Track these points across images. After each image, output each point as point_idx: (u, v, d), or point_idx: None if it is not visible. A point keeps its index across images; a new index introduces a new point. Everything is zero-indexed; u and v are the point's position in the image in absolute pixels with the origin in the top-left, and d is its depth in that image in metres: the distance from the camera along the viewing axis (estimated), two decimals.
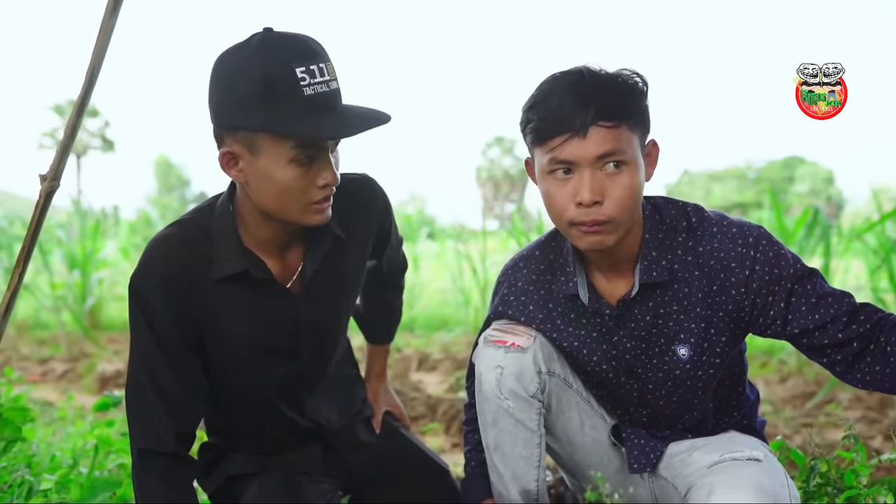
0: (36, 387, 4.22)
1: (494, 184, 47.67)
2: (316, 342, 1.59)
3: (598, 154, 1.34)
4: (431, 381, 4.41)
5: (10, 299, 1.64)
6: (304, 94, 1.30)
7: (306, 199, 1.37)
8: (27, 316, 6.85)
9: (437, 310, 6.89)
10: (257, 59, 1.30)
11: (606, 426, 1.63)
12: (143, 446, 1.46)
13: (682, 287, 1.45)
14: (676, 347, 1.48)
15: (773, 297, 1.41)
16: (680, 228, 1.47)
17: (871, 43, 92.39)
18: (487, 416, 1.54)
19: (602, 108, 1.32)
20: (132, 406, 1.48)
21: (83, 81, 1.56)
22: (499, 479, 1.57)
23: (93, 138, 45.30)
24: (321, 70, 1.32)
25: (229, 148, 1.36)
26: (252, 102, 1.30)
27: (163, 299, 1.43)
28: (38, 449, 2.22)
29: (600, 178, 1.35)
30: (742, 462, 1.44)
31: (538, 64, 63.58)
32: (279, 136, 1.32)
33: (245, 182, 1.39)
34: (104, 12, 1.55)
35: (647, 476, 1.60)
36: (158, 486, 1.46)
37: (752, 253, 1.42)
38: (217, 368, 1.54)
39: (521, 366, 1.49)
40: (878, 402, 3.44)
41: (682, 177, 44.77)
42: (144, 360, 1.46)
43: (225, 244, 1.46)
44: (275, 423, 1.63)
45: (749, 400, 1.62)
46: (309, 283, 1.52)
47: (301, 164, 1.34)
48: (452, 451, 2.95)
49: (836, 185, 39.58)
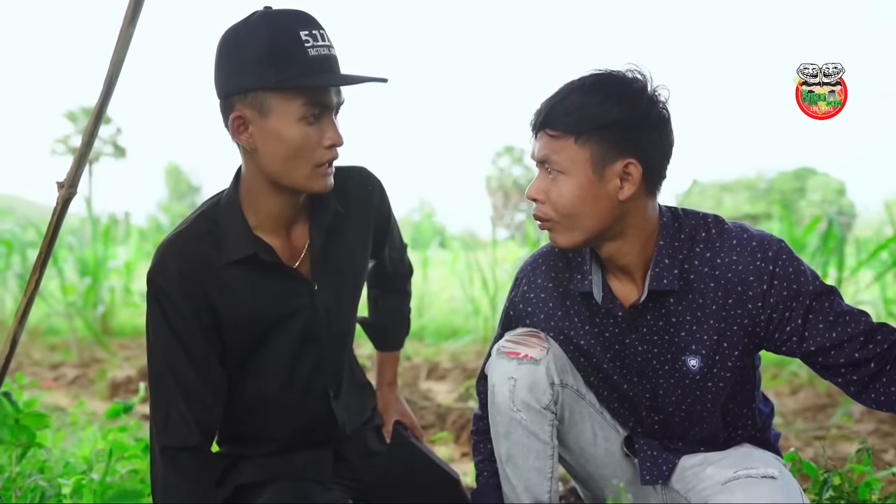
0: (47, 392, 4.24)
1: (504, 193, 47.64)
2: (331, 325, 1.61)
3: (538, 158, 1.44)
4: (441, 389, 4.40)
5: (27, 305, 1.65)
6: (308, 54, 1.40)
7: (314, 159, 1.44)
8: (39, 321, 6.87)
9: (446, 319, 6.89)
10: (264, 26, 1.40)
11: (619, 437, 1.62)
12: (165, 443, 1.49)
13: (696, 297, 1.45)
14: (687, 358, 1.48)
15: (790, 314, 1.41)
16: (698, 238, 1.47)
17: (872, 44, 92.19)
18: (500, 427, 1.54)
19: (549, 118, 1.42)
20: (155, 401, 1.51)
21: (101, 89, 1.58)
22: (511, 491, 1.57)
23: (105, 145, 45.59)
24: (322, 35, 1.43)
25: (239, 112, 1.43)
26: (262, 64, 1.39)
27: (182, 292, 1.47)
28: (50, 455, 2.23)
29: (544, 179, 1.44)
30: (757, 479, 1.43)
31: (548, 73, 63.20)
32: (289, 95, 1.40)
33: (254, 147, 1.44)
34: (123, 21, 1.56)
35: (660, 488, 1.60)
36: (181, 484, 1.48)
37: (772, 267, 1.41)
38: (237, 357, 1.56)
39: (533, 377, 1.49)
40: (891, 415, 3.41)
41: (693, 187, 44.55)
42: (165, 355, 1.49)
43: (233, 230, 1.51)
44: (292, 412, 1.64)
45: (763, 413, 1.61)
46: (317, 259, 1.56)
47: (309, 123, 1.42)
48: (462, 461, 2.95)
49: (848, 197, 39.38)
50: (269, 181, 1.48)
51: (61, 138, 44.67)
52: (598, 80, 1.41)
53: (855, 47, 75.37)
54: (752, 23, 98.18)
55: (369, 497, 1.73)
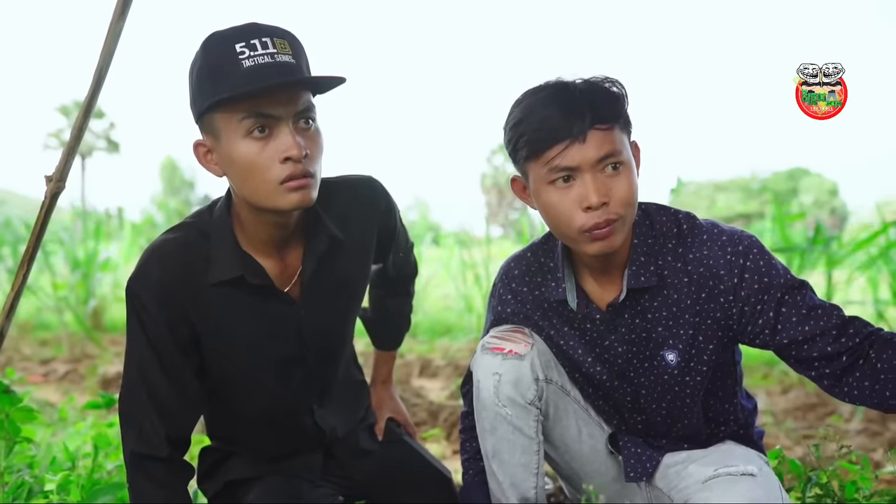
0: (38, 387, 4.22)
1: (499, 191, 47.62)
2: (320, 346, 1.58)
3: (598, 157, 1.35)
4: (433, 387, 4.40)
5: (14, 300, 1.64)
6: (242, 66, 1.31)
7: (272, 176, 1.34)
8: (29, 316, 6.85)
9: (440, 316, 6.88)
10: (202, 48, 1.37)
11: (604, 434, 1.63)
12: (135, 449, 1.45)
13: (671, 293, 1.46)
14: (665, 353, 1.48)
15: (761, 306, 1.41)
16: (670, 235, 1.47)
17: (872, 44, 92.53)
18: (485, 423, 1.54)
19: (596, 112, 1.35)
20: (125, 409, 1.48)
21: (90, 83, 1.56)
22: (497, 487, 1.57)
23: (98, 139, 45.42)
24: (264, 44, 1.33)
25: (200, 140, 1.40)
26: (202, 86, 1.35)
27: (159, 303, 1.42)
28: (39, 450, 2.22)
29: (603, 180, 1.36)
30: (736, 477, 1.44)
31: (542, 72, 63.89)
32: (227, 112, 1.33)
33: (223, 174, 1.41)
34: (112, 15, 1.55)
35: (644, 486, 1.60)
36: (151, 487, 1.45)
37: (742, 261, 1.42)
38: (219, 373, 1.54)
39: (518, 373, 1.49)
40: (880, 414, 3.42)
41: (686, 186, 44.74)
42: (138, 364, 1.46)
43: (222, 247, 1.45)
44: (278, 428, 1.63)
45: (745, 410, 1.61)
46: (308, 285, 1.51)
47: (257, 138, 1.34)
48: (454, 458, 2.94)
49: (841, 197, 39.53)
50: (248, 204, 1.42)
51: (54, 132, 44.50)
52: (576, 78, 1.42)
53: (855, 47, 75.55)
54: (751, 23, 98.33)
55: (360, 494, 1.73)
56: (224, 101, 1.31)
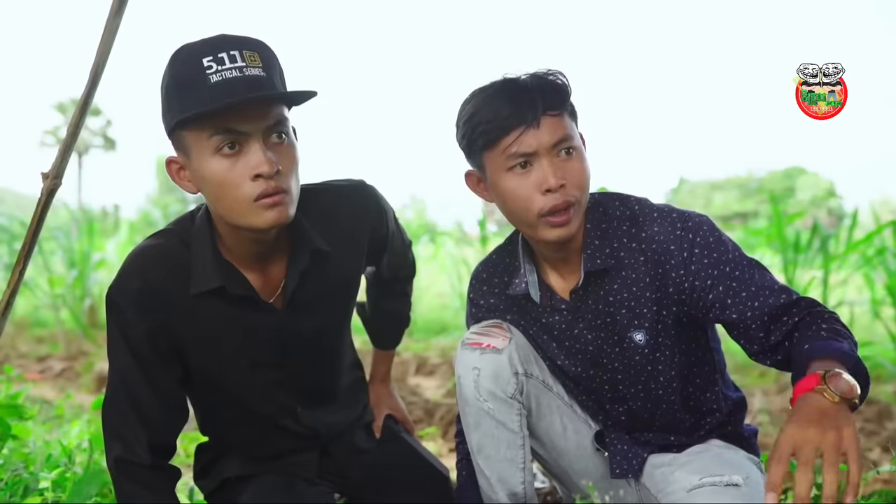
0: (34, 384, 4.21)
1: None
2: (308, 356, 1.57)
3: (553, 142, 1.40)
4: (429, 385, 4.40)
5: (10, 297, 1.64)
6: (210, 81, 1.28)
7: (244, 194, 1.31)
8: (26, 313, 6.84)
9: (436, 314, 6.88)
10: (170, 62, 1.33)
11: (590, 432, 1.63)
12: (119, 456, 1.45)
13: (629, 273, 1.48)
14: (633, 334, 1.50)
15: (711, 281, 1.43)
16: (624, 218, 1.50)
17: (873, 46, 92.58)
18: (469, 418, 1.54)
19: (546, 99, 1.40)
20: (107, 418, 1.47)
21: (87, 80, 1.56)
22: (486, 483, 1.58)
23: (95, 137, 45.31)
24: (233, 57, 1.29)
25: (174, 158, 1.37)
26: (170, 102, 1.32)
27: (138, 313, 1.41)
28: (35, 447, 2.21)
29: (559, 164, 1.41)
30: (721, 488, 1.44)
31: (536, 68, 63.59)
32: (196, 129, 1.30)
33: (197, 191, 1.38)
34: (109, 12, 1.55)
35: (634, 484, 1.61)
36: (137, 489, 1.45)
37: (691, 236, 1.44)
38: (201, 380, 1.53)
39: (497, 366, 1.50)
40: (876, 413, 3.43)
41: (683, 185, 44.80)
42: (120, 373, 1.45)
43: (202, 258, 1.43)
44: (269, 432, 1.63)
45: (730, 400, 1.61)
46: (291, 298, 1.50)
47: (227, 155, 1.30)
48: (450, 456, 2.94)
49: (837, 197, 39.57)
50: (225, 221, 1.40)
51: (50, 130, 44.37)
52: (520, 73, 1.46)
53: (855, 48, 75.64)
54: (751, 23, 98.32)
55: (356, 492, 1.73)
56: (191, 118, 1.29)
